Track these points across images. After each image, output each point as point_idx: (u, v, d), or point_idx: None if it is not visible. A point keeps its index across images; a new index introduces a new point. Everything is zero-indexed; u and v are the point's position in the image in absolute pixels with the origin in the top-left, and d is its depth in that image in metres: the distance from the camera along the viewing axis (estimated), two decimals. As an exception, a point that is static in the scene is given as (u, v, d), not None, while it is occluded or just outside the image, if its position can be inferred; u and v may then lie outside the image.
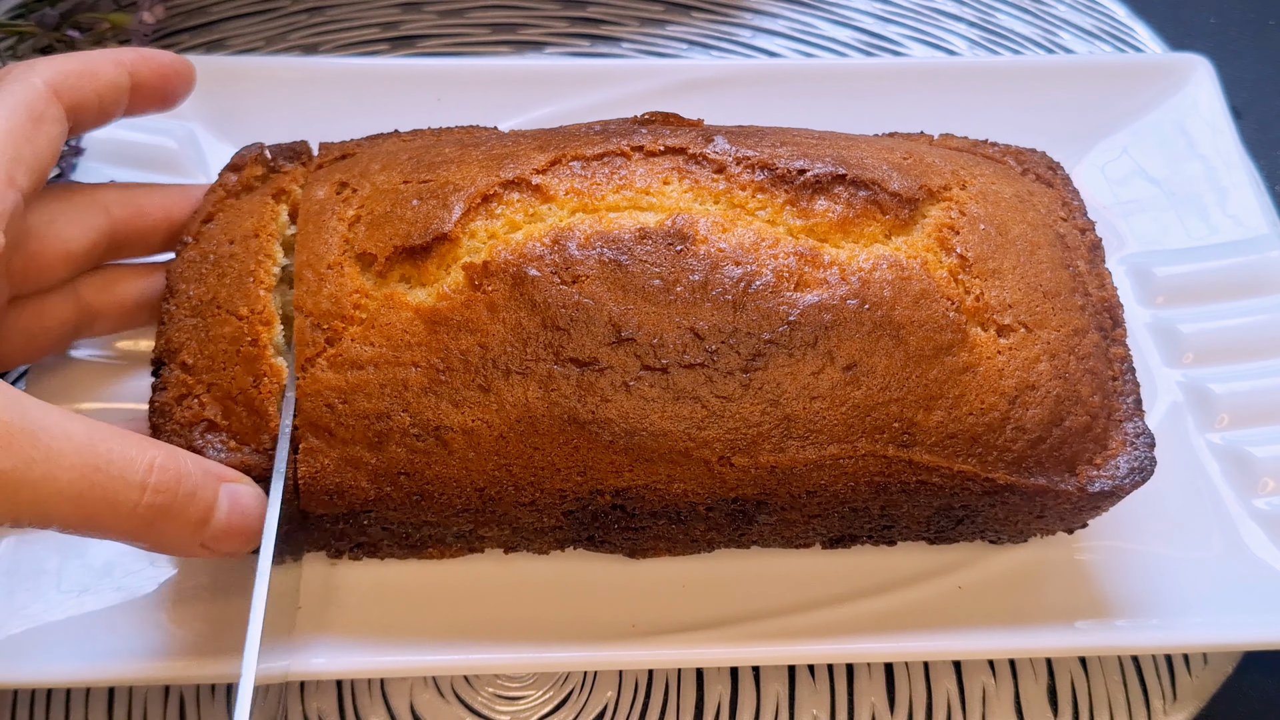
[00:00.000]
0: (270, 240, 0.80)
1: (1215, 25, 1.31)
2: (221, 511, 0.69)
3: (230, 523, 0.70)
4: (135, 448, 0.66)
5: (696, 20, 1.24)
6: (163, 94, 0.82)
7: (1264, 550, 0.86)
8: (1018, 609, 0.83)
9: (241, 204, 0.84)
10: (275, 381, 0.74)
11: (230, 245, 0.80)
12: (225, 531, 0.69)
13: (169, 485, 0.66)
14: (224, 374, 0.75)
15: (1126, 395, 0.80)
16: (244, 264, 0.79)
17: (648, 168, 0.79)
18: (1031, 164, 0.90)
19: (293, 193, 0.83)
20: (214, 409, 0.75)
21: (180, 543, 0.69)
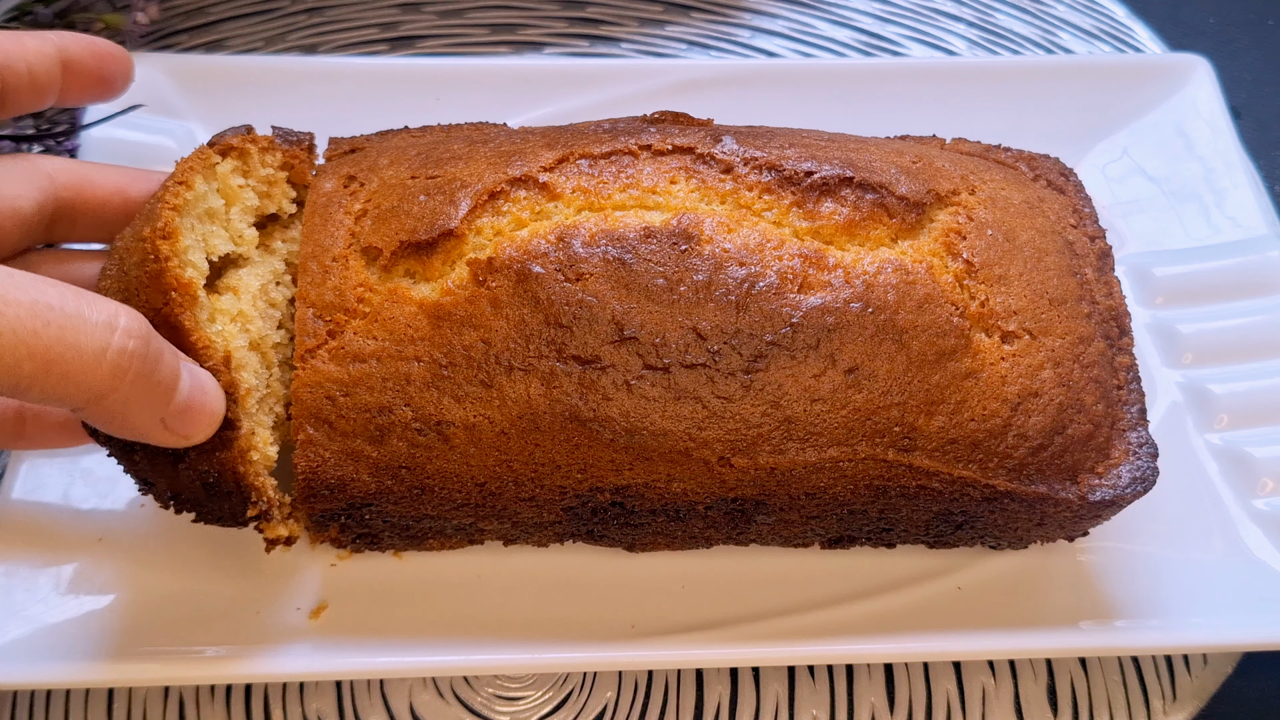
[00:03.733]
0: (192, 172, 0.75)
1: (1214, 25, 1.31)
2: (185, 386, 0.66)
3: (193, 399, 0.67)
4: (98, 299, 0.62)
5: (695, 20, 1.24)
6: (100, 77, 0.79)
7: (1263, 551, 0.86)
8: (1017, 610, 0.83)
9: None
10: (188, 296, 0.71)
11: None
12: (187, 408, 0.66)
13: (139, 335, 0.62)
14: (138, 299, 0.71)
15: (1131, 404, 0.80)
16: (158, 195, 0.75)
17: (655, 167, 0.79)
18: (1044, 170, 0.90)
19: (247, 151, 0.79)
20: None
21: (142, 414, 0.64)
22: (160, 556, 0.83)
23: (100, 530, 0.84)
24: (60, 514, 0.84)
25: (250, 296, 0.77)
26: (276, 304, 0.79)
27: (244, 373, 0.74)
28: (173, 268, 0.70)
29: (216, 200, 0.76)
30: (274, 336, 0.78)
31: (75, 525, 0.84)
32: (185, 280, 0.71)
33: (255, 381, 0.75)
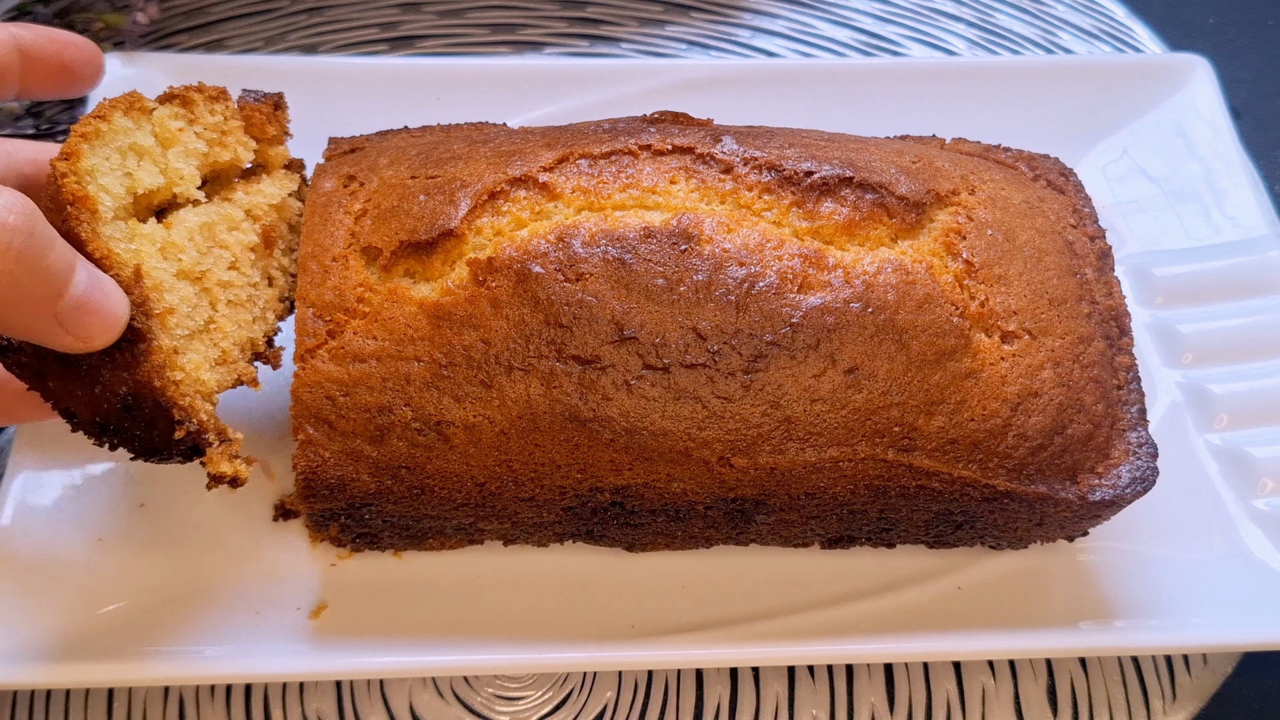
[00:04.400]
0: (112, 109, 0.73)
1: (1214, 25, 1.31)
2: (81, 280, 0.63)
3: (89, 297, 0.64)
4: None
5: (695, 20, 1.24)
6: (61, 66, 0.77)
7: (1263, 551, 0.86)
8: (1017, 610, 0.83)
9: None
10: (85, 210, 0.68)
11: None
12: (83, 304, 0.63)
13: (21, 211, 0.60)
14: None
15: (1131, 404, 0.80)
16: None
17: (655, 167, 0.79)
18: (1044, 170, 0.90)
19: (191, 99, 0.78)
20: None
21: (33, 304, 0.62)
22: (160, 557, 0.83)
23: (99, 530, 0.84)
24: (60, 514, 0.84)
25: (186, 230, 0.75)
26: (228, 246, 0.77)
27: (166, 294, 0.71)
28: (69, 184, 0.69)
29: (146, 139, 0.75)
30: (222, 275, 0.76)
31: (75, 525, 0.84)
32: (82, 194, 0.69)
33: (184, 308, 0.73)
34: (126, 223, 0.72)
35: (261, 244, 0.79)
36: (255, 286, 0.79)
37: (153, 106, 0.75)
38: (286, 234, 0.83)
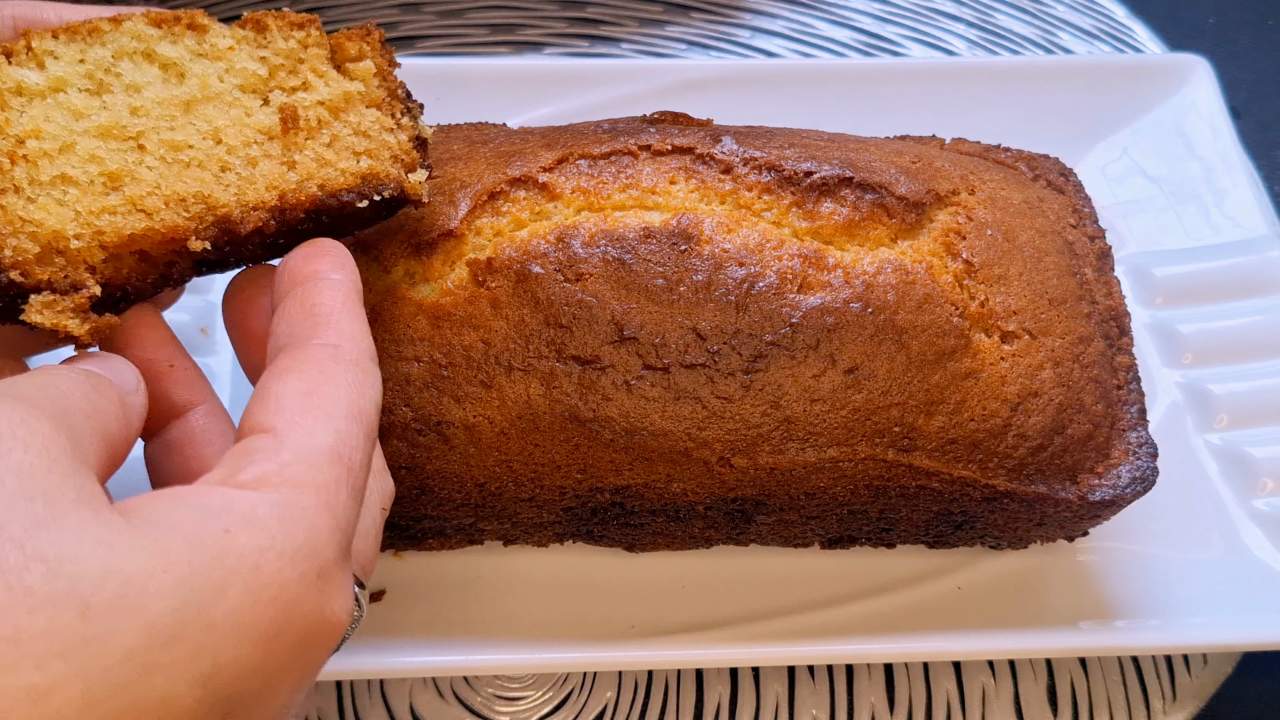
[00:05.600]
0: (143, 18, 0.70)
1: (1214, 25, 1.31)
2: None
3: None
4: None
5: (695, 20, 1.24)
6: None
7: (1263, 551, 0.86)
8: (1017, 610, 0.83)
9: None
10: (11, 139, 0.64)
11: None
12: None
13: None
14: None
15: (1130, 404, 0.80)
16: None
17: (655, 167, 0.79)
18: (1043, 170, 0.90)
19: (265, 25, 0.73)
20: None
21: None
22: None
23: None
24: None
25: (87, 78, 0.68)
26: (210, 119, 0.70)
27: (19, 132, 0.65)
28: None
29: (170, 50, 0.70)
30: (172, 137, 0.69)
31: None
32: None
33: (48, 128, 0.66)
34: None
35: (283, 127, 0.71)
36: (244, 156, 0.69)
37: (211, 25, 0.72)
38: (340, 133, 0.72)
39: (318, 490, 0.48)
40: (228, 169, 0.69)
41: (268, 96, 0.72)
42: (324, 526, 0.47)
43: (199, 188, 0.68)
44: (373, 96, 0.74)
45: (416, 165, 0.72)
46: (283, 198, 0.69)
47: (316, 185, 0.70)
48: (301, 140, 0.72)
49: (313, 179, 0.70)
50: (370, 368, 0.57)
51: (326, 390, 0.53)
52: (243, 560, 0.44)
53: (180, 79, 0.71)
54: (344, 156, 0.72)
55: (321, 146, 0.72)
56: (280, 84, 0.73)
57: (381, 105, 0.74)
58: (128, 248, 0.65)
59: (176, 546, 0.42)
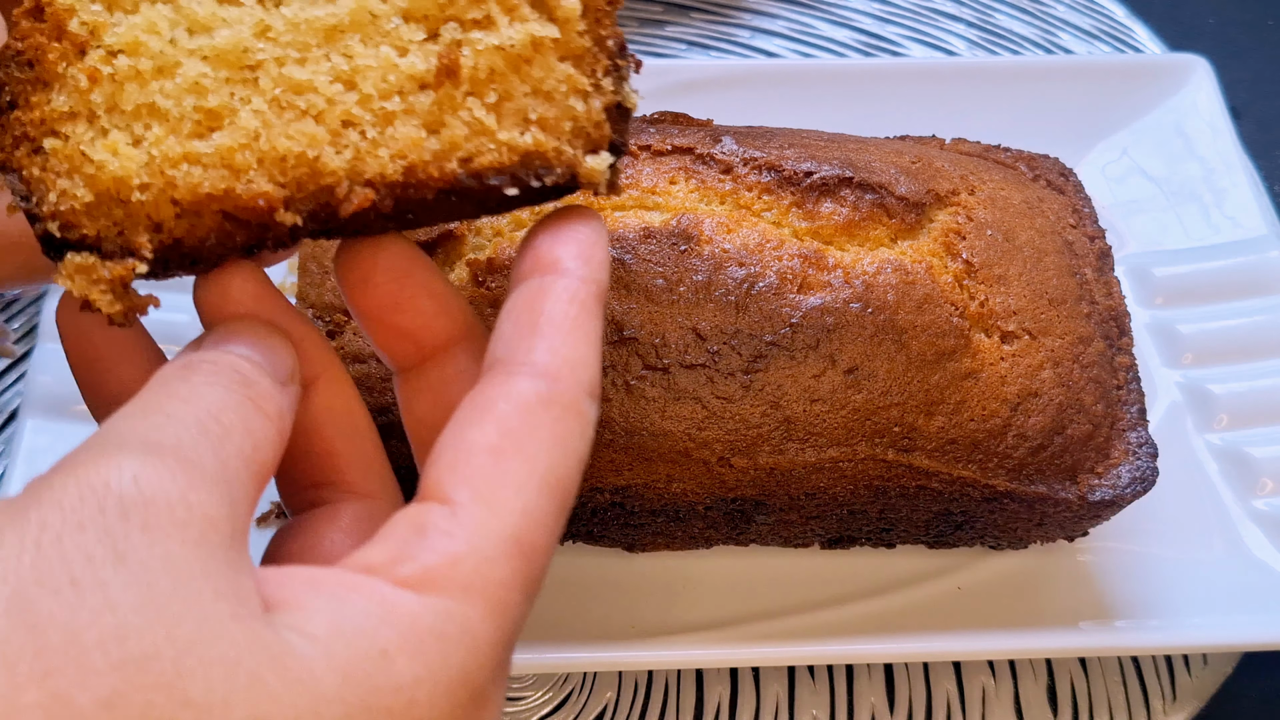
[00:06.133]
0: None
1: (1214, 25, 1.31)
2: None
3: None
4: None
5: (695, 20, 1.24)
6: None
7: (1263, 551, 0.86)
8: (1017, 610, 0.83)
9: None
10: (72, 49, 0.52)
11: None
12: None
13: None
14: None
15: (1130, 404, 0.79)
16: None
17: (654, 167, 0.79)
18: (1043, 170, 0.90)
19: None
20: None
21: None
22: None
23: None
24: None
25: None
26: (352, 54, 0.54)
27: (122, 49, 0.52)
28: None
29: None
30: (296, 74, 0.54)
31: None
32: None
33: (150, 42, 0.53)
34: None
35: (438, 77, 0.55)
36: (377, 111, 0.53)
37: None
38: (513, 90, 0.54)
39: (488, 596, 0.43)
40: (352, 124, 0.54)
41: (439, 30, 0.54)
42: (487, 640, 0.43)
43: (306, 146, 0.53)
44: (572, 46, 0.55)
45: (604, 144, 0.55)
46: (409, 172, 0.53)
47: (458, 160, 0.54)
48: (459, 97, 0.54)
49: (457, 150, 0.54)
50: (585, 410, 0.48)
51: (524, 447, 0.45)
52: (398, 696, 0.40)
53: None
54: (508, 123, 0.54)
55: (482, 108, 0.54)
56: (458, 13, 0.54)
57: (581, 58, 0.55)
58: (205, 206, 0.52)
59: (329, 681, 0.39)
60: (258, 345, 0.50)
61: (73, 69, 0.52)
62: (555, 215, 0.54)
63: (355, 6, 0.53)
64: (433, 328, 0.55)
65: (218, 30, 0.53)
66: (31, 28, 0.51)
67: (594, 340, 0.50)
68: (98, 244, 0.51)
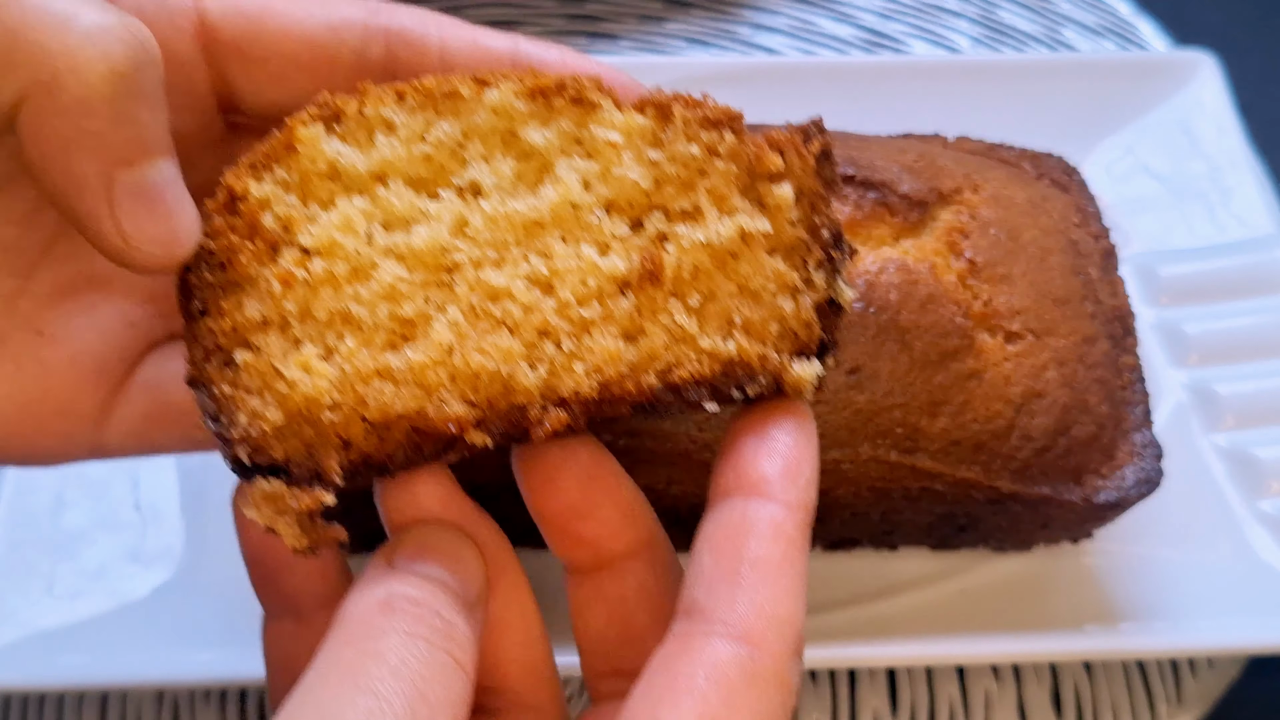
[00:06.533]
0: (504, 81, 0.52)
1: (1219, 22, 1.30)
2: (163, 170, 0.48)
3: (160, 192, 0.48)
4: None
5: (695, 17, 1.24)
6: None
7: (1270, 553, 0.85)
8: (1021, 613, 0.83)
9: None
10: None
11: None
12: (148, 195, 0.47)
13: (142, 50, 0.46)
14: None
15: (1135, 405, 0.79)
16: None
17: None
18: (1047, 168, 0.89)
19: (670, 112, 0.53)
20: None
21: (90, 156, 0.46)
22: (154, 557, 0.82)
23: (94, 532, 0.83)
24: (53, 516, 0.84)
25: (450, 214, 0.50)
26: (550, 254, 0.51)
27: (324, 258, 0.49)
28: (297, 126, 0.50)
29: (537, 135, 0.51)
30: (493, 279, 0.50)
31: (68, 526, 0.83)
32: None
33: (347, 243, 0.50)
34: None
35: (640, 280, 0.50)
36: (575, 319, 0.50)
37: (602, 104, 0.52)
38: (718, 290, 0.51)
39: None
40: (547, 336, 0.50)
41: (642, 220, 0.51)
42: None
43: (500, 364, 0.49)
44: (783, 237, 0.51)
45: (813, 345, 0.51)
46: (604, 388, 0.49)
47: (656, 373, 0.50)
48: (660, 300, 0.50)
49: (655, 361, 0.50)
50: (790, 677, 0.44)
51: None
52: None
53: (536, 182, 0.51)
54: (711, 328, 0.50)
55: (684, 312, 0.50)
56: (664, 203, 0.51)
57: (792, 250, 0.51)
58: (395, 423, 0.49)
59: None
60: (451, 563, 0.49)
61: (265, 271, 0.49)
62: (762, 411, 0.50)
63: (558, 199, 0.50)
64: (616, 537, 0.53)
65: (416, 227, 0.50)
66: (225, 225, 0.49)
67: (800, 587, 0.46)
68: (285, 466, 0.48)
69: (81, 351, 0.54)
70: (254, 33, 0.52)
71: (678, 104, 0.52)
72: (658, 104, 0.52)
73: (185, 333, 0.50)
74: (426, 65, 0.54)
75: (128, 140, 0.45)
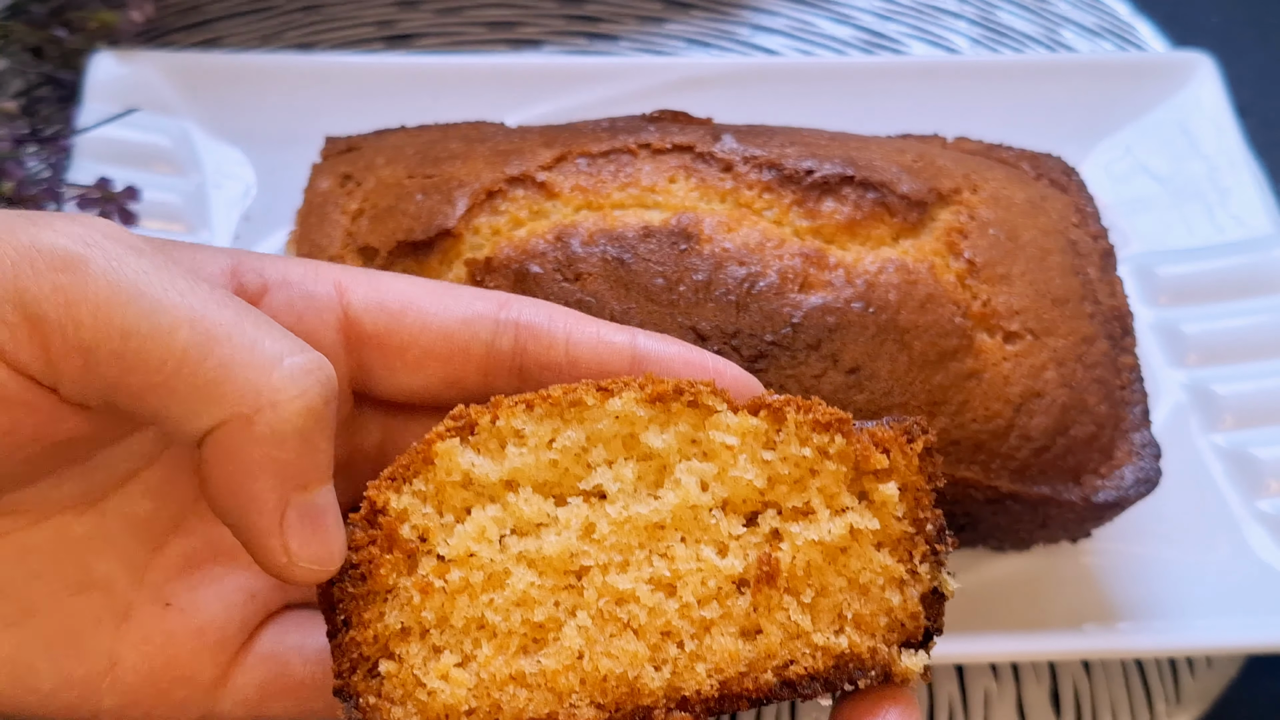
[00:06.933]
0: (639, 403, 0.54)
1: (1218, 23, 1.31)
2: (326, 494, 0.52)
3: (324, 515, 0.52)
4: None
5: (695, 18, 1.24)
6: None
7: (1268, 552, 0.86)
8: (1020, 612, 0.83)
9: None
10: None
11: None
12: (315, 517, 0.51)
13: (330, 387, 0.50)
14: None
15: (1134, 405, 0.79)
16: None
17: (654, 165, 0.79)
18: (1046, 168, 0.89)
19: (783, 415, 0.54)
20: None
21: (272, 481, 0.50)
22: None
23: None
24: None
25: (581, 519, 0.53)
26: (671, 557, 0.53)
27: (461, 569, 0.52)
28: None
29: (656, 440, 0.54)
30: (620, 583, 0.53)
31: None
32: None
33: (482, 551, 0.53)
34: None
35: (756, 580, 0.53)
36: (696, 619, 0.53)
37: (718, 408, 0.54)
38: (829, 586, 0.53)
39: None
40: (671, 637, 0.52)
41: (756, 517, 0.54)
42: None
43: (627, 667, 0.51)
44: (889, 532, 0.54)
45: (919, 635, 0.54)
46: (725, 685, 0.52)
47: (773, 669, 0.52)
48: (776, 598, 0.52)
49: (772, 659, 0.52)
50: None
51: None
52: None
53: (656, 482, 0.54)
54: (824, 624, 0.53)
55: (798, 608, 0.53)
56: (778, 500, 0.54)
57: (897, 544, 0.54)
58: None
59: None
60: None
61: (405, 581, 0.52)
62: (869, 701, 0.53)
63: (678, 501, 0.53)
64: None
65: (545, 533, 0.53)
66: (365, 537, 0.52)
67: None
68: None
69: (207, 623, 0.56)
70: (394, 326, 0.57)
71: (790, 407, 0.54)
72: (771, 407, 0.54)
73: (330, 642, 0.52)
74: (553, 357, 0.57)
75: (308, 468, 0.49)
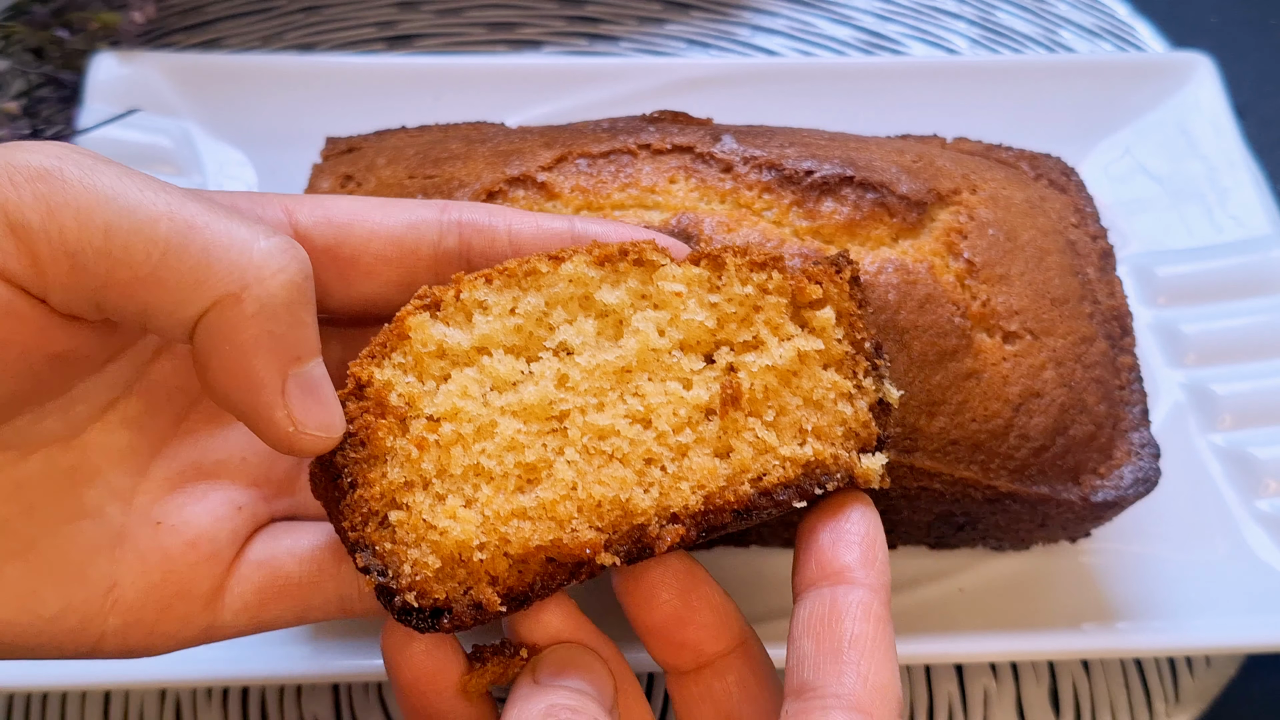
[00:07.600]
0: (581, 256, 0.61)
1: (1216, 24, 1.31)
2: (319, 365, 0.56)
3: (319, 386, 0.55)
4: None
5: (695, 19, 1.24)
6: None
7: (1267, 552, 0.86)
8: (1019, 612, 0.83)
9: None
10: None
11: None
12: (313, 389, 0.55)
13: (307, 266, 0.54)
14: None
15: (1133, 405, 0.79)
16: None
17: (654, 166, 0.79)
18: (1045, 169, 0.89)
19: (722, 262, 0.61)
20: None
21: (268, 356, 0.53)
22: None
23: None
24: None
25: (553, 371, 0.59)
26: (642, 394, 0.59)
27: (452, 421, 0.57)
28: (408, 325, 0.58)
29: (610, 296, 0.60)
30: (599, 420, 0.59)
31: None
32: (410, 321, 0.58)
33: (466, 406, 0.58)
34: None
35: (722, 404, 0.59)
36: (673, 445, 0.59)
37: (661, 262, 0.61)
38: (787, 405, 0.60)
39: None
40: (653, 462, 0.59)
41: (712, 355, 0.60)
42: None
43: (618, 491, 0.58)
44: (832, 353, 0.61)
45: (873, 441, 0.61)
46: (709, 500, 0.58)
47: (749, 481, 0.59)
48: (741, 420, 0.59)
49: (747, 473, 0.59)
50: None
51: None
52: None
53: (616, 335, 0.60)
54: (787, 438, 0.60)
55: (763, 427, 0.60)
56: (728, 338, 0.61)
57: (841, 363, 0.61)
58: (534, 555, 0.57)
59: None
60: (589, 676, 0.57)
61: (401, 441, 0.57)
62: (830, 506, 0.59)
63: (639, 346, 0.59)
64: (714, 639, 0.60)
65: (523, 387, 0.59)
66: (358, 408, 0.57)
67: (895, 658, 0.53)
68: (448, 606, 0.56)
69: (197, 536, 0.59)
70: (342, 237, 0.60)
71: (727, 253, 0.61)
72: (710, 255, 0.61)
73: (330, 511, 0.57)
74: (497, 249, 0.62)
75: (299, 340, 0.53)
